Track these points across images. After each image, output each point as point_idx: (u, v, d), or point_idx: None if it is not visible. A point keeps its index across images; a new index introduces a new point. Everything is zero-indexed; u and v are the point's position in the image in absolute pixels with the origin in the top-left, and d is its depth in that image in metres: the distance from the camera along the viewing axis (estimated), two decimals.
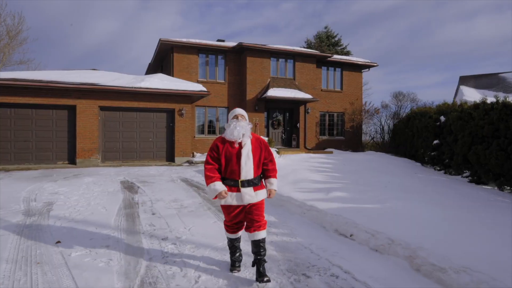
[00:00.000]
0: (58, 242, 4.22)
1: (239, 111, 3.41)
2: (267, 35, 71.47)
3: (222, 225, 5.26)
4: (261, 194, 3.28)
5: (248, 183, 3.19)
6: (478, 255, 3.49)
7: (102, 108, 12.65)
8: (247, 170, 3.17)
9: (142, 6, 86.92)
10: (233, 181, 3.19)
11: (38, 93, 11.60)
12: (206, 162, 3.24)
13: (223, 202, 3.23)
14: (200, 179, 9.51)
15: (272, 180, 3.37)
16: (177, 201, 6.68)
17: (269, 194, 3.34)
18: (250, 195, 3.18)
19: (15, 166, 11.33)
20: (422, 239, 3.92)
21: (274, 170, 3.41)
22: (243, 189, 3.16)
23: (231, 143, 3.21)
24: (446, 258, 3.40)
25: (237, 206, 3.26)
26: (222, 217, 5.66)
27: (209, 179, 3.16)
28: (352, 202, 5.63)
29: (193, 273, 3.42)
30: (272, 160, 3.41)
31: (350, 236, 4.53)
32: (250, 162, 3.18)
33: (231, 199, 3.17)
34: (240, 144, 3.21)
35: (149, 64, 20.75)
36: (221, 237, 4.57)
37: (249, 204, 3.23)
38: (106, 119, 12.83)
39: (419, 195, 6.21)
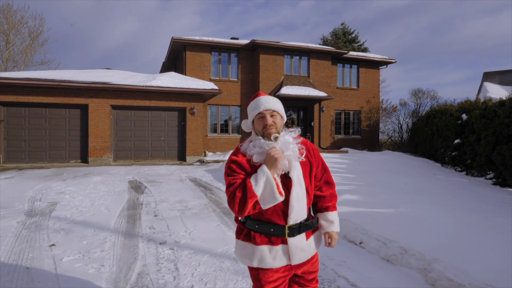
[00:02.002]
0: (53, 245, 4.08)
1: (266, 102, 1.87)
2: (284, 33, 71.01)
3: (225, 228, 5.04)
4: (316, 243, 1.95)
5: (299, 229, 1.84)
6: (500, 268, 3.11)
7: (114, 107, 12.66)
8: (300, 208, 1.83)
9: (161, 7, 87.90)
10: (273, 227, 1.81)
11: (51, 93, 11.70)
12: (229, 186, 1.78)
13: (255, 262, 1.82)
14: (209, 178, 9.32)
15: (331, 214, 1.98)
16: (182, 202, 6.50)
17: (327, 239, 1.98)
18: (302, 249, 1.84)
19: (29, 165, 11.46)
20: (438, 248, 3.56)
21: (334, 197, 2.03)
22: (292, 240, 1.82)
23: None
24: (465, 272, 3.04)
25: (280, 270, 1.85)
26: (226, 219, 5.43)
27: (245, 192, 1.71)
28: (364, 205, 5.28)
29: (186, 283, 3.19)
30: (329, 181, 2.03)
31: (360, 243, 4.20)
32: (303, 193, 1.85)
33: (272, 258, 1.80)
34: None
35: (163, 63, 20.78)
36: (222, 242, 4.34)
37: (300, 264, 1.90)
38: (118, 118, 12.83)
39: (436, 199, 5.79)
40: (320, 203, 2.00)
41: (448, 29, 76.18)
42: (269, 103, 1.87)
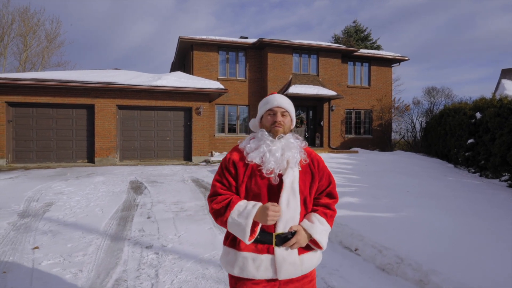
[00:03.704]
0: (36, 247, 3.99)
1: (280, 99, 1.82)
2: (299, 33, 70.43)
3: (217, 232, 4.86)
4: (310, 261, 1.74)
5: (289, 240, 1.68)
6: (504, 280, 2.81)
7: (120, 107, 12.67)
8: (291, 216, 1.68)
9: (177, 8, 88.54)
10: (261, 233, 1.66)
11: (58, 93, 11.78)
12: (211, 195, 1.75)
13: (236, 270, 1.67)
14: (211, 179, 9.13)
15: (315, 215, 1.75)
16: (178, 204, 6.35)
17: (295, 239, 1.67)
18: (292, 263, 1.66)
19: (36, 165, 11.58)
20: (437, 257, 3.28)
21: (329, 208, 1.81)
22: (279, 251, 1.66)
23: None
24: (464, 285, 2.76)
25: (261, 283, 1.68)
26: None
27: (221, 212, 1.66)
28: (364, 209, 5.00)
29: None
30: (332, 194, 1.85)
31: (355, 250, 3.95)
32: (296, 201, 1.70)
33: (255, 267, 1.64)
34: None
35: (172, 63, 20.80)
36: (210, 246, 4.16)
37: (287, 280, 1.70)
38: (124, 117, 12.84)
39: (443, 202, 5.45)
40: (312, 208, 1.81)
41: (467, 26, 74.03)
42: (283, 101, 1.82)
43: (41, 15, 30.75)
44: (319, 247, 1.74)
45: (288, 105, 1.83)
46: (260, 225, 1.64)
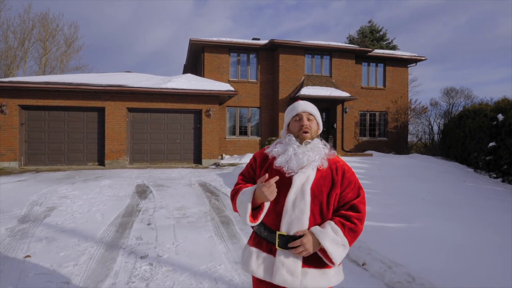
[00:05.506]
0: (28, 256, 3.85)
1: (305, 105, 1.84)
2: (315, 35, 69.94)
3: (217, 241, 4.62)
4: (315, 279, 1.61)
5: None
6: None
7: (130, 110, 12.65)
8: (295, 218, 1.63)
9: (195, 13, 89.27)
10: (267, 230, 1.69)
11: (69, 96, 11.85)
12: (234, 186, 1.86)
13: (242, 262, 1.77)
14: (219, 183, 8.96)
15: (329, 223, 1.64)
16: (181, 209, 6.16)
17: (299, 241, 1.59)
18: (290, 271, 1.59)
19: (47, 167, 11.66)
20: (453, 278, 2.95)
21: (349, 221, 1.65)
22: (280, 253, 1.62)
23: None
24: None
25: (264, 283, 1.69)
26: (222, 230, 5.03)
27: (233, 197, 1.78)
28: (373, 219, 4.68)
29: None
30: (357, 208, 1.69)
31: (363, 265, 3.64)
32: (303, 204, 1.63)
33: (256, 264, 1.67)
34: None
35: (184, 65, 20.80)
36: (208, 257, 3.93)
37: None
38: (134, 120, 12.81)
39: (462, 211, 5.05)
40: (332, 219, 1.69)
41: (488, 25, 71.56)
42: (307, 106, 1.86)
43: (60, 20, 31.31)
44: (330, 260, 1.59)
45: (313, 110, 1.86)
46: (264, 210, 1.64)
